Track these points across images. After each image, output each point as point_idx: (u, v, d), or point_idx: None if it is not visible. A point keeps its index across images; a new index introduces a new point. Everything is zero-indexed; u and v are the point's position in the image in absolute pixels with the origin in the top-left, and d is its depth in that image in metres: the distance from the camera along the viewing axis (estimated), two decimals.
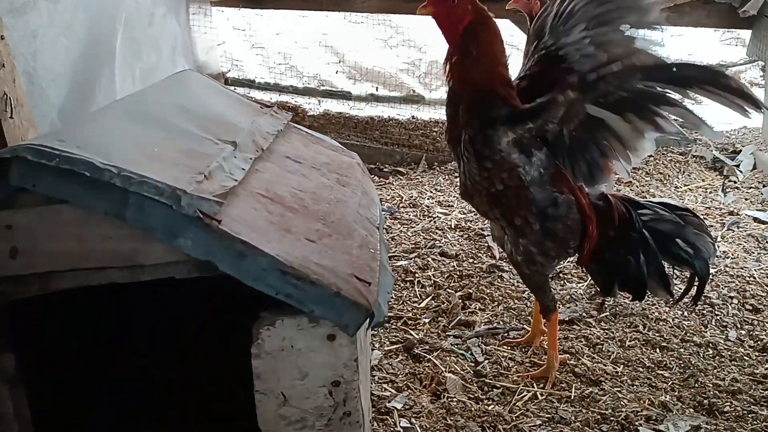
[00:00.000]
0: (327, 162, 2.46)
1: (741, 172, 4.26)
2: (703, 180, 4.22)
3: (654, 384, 2.53)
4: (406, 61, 5.07)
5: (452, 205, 4.18)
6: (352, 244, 1.82)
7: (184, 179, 1.67)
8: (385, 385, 2.55)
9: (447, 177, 4.64)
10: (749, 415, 2.35)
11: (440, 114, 5.11)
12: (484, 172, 2.27)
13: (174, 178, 1.64)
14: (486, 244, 3.64)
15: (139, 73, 4.12)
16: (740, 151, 4.43)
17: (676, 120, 2.07)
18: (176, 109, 2.20)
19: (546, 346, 2.63)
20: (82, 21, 3.53)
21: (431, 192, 4.41)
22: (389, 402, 2.45)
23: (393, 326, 3.00)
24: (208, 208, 1.59)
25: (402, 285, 3.33)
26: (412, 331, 2.93)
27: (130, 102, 2.30)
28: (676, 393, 2.47)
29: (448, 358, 2.73)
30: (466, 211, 4.07)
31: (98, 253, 1.63)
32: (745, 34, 4.35)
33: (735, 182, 4.19)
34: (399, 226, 3.97)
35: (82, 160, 1.55)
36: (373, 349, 2.80)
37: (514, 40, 4.85)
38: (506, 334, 2.87)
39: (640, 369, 2.61)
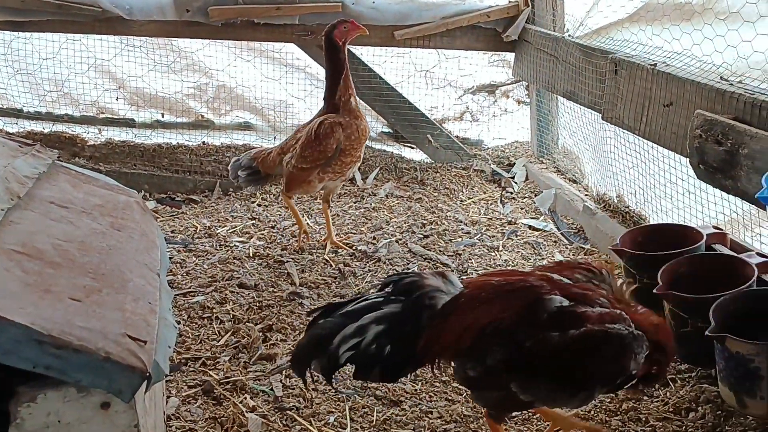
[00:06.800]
0: (100, 204, 2.27)
1: (516, 183, 4.62)
2: (484, 192, 4.52)
3: (450, 398, 2.63)
4: (192, 85, 4.88)
5: (249, 232, 4.09)
6: (125, 298, 1.68)
7: None
8: None
9: (243, 203, 4.53)
10: (533, 417, 2.53)
11: (232, 138, 4.99)
12: None
13: None
14: (285, 271, 3.59)
15: None
16: (514, 163, 4.82)
17: None
18: None
19: None
20: None
21: (228, 219, 4.28)
22: None
23: (191, 368, 2.85)
24: None
25: (199, 323, 3.19)
26: (211, 372, 2.81)
27: None
28: (471, 404, 2.59)
29: (249, 397, 2.64)
30: (264, 238, 4.00)
31: None
32: (510, 56, 4.75)
33: (512, 193, 4.54)
34: (194, 258, 3.80)
35: None
36: (168, 397, 2.64)
37: (301, 63, 4.88)
38: None
39: (437, 384, 2.71)
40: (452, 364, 2.10)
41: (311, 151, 3.62)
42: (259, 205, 4.48)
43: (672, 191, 3.31)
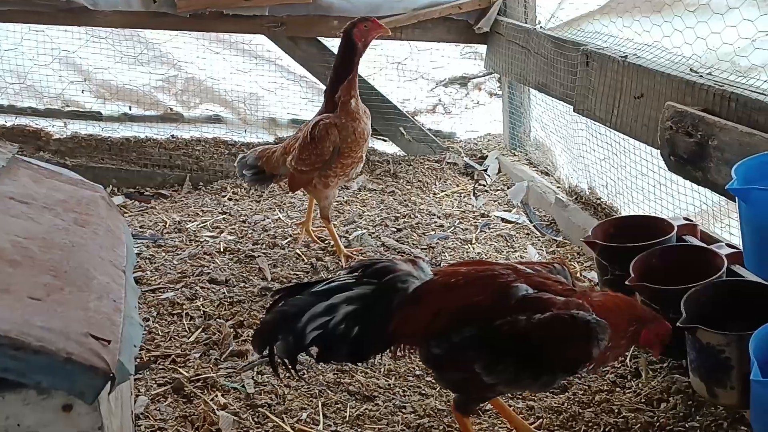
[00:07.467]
0: (63, 199, 2.21)
1: (489, 176, 4.62)
2: (457, 185, 4.51)
3: (424, 392, 2.62)
4: (161, 78, 4.79)
5: (220, 227, 4.03)
6: (89, 297, 1.63)
7: None
8: None
9: (214, 197, 4.47)
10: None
11: (201, 132, 4.91)
12: None
13: None
14: (257, 266, 3.55)
15: None
16: (487, 156, 4.81)
17: None
18: None
19: None
20: None
21: (198, 214, 4.22)
22: None
23: (160, 366, 2.80)
24: None
25: (169, 319, 3.13)
26: (181, 369, 2.76)
27: None
28: (444, 398, 2.58)
29: (220, 394, 2.60)
30: (234, 232, 3.94)
31: None
32: (482, 48, 4.74)
33: (484, 186, 4.54)
34: (164, 254, 3.73)
35: None
36: (137, 396, 2.58)
37: (272, 55, 4.82)
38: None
39: (411, 378, 2.69)
40: (418, 346, 2.12)
41: (308, 153, 3.50)
42: (229, 200, 4.42)
43: (643, 183, 3.33)
